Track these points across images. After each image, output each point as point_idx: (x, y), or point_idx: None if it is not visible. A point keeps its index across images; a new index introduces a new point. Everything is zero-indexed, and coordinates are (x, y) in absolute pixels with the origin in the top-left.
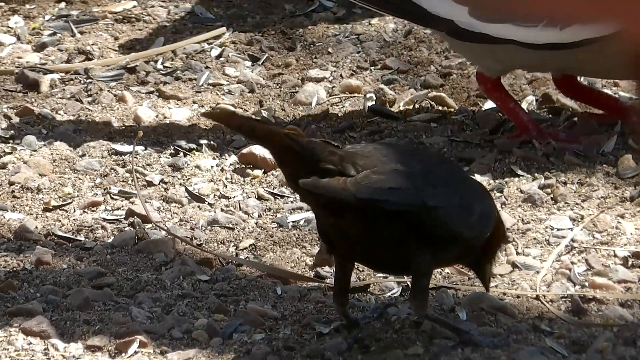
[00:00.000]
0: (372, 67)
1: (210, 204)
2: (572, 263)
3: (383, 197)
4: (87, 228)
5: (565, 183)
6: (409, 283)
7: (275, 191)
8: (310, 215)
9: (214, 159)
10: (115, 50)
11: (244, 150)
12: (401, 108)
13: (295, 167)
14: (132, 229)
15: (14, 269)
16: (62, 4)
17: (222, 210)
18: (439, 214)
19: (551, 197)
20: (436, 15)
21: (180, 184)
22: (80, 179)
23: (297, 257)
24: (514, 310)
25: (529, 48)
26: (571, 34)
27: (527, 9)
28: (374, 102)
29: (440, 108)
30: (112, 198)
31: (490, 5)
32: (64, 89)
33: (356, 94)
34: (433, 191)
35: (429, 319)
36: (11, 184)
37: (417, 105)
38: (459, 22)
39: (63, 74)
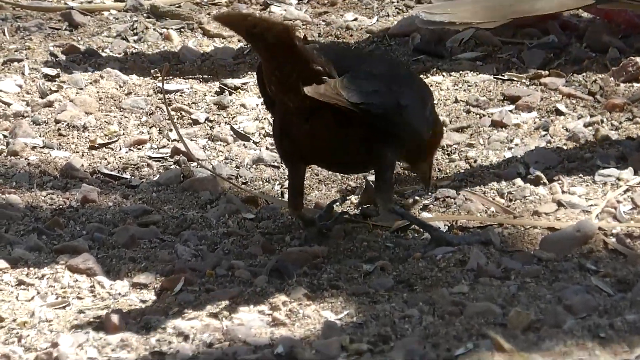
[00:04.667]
0: (418, 6)
1: (255, 142)
2: (618, 201)
3: (369, 100)
4: (132, 166)
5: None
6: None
7: None
8: None
9: (259, 97)
10: None
11: None
12: (447, 46)
13: (290, 69)
14: (177, 167)
15: (60, 206)
16: None
17: (267, 148)
18: (406, 112)
19: (593, 135)
20: None
21: (226, 122)
22: (126, 117)
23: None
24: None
25: None
26: None
27: None
28: (419, 41)
29: (486, 46)
30: (158, 136)
31: None
32: (110, 28)
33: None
34: (401, 91)
35: (395, 213)
36: (57, 122)
37: (462, 44)
38: None
39: (109, 12)
